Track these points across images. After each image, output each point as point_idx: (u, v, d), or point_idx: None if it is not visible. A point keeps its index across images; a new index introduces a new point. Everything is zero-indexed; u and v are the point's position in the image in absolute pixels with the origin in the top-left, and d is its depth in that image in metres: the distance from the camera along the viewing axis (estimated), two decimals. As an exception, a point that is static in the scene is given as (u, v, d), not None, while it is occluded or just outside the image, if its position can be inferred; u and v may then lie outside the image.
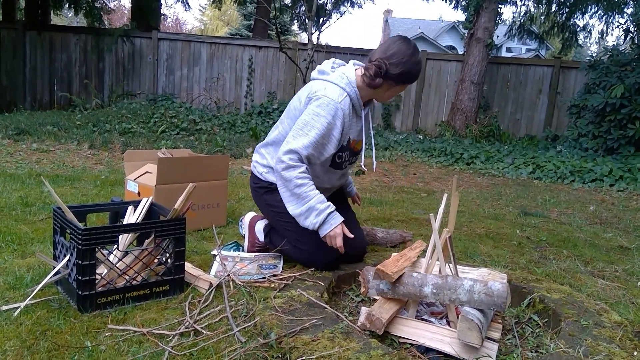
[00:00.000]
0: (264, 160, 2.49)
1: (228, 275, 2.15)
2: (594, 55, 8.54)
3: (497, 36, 10.92)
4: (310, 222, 2.19)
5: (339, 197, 2.68)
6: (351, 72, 2.32)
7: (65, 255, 1.90)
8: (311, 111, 2.22)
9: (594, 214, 4.36)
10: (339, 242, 2.18)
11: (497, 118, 9.55)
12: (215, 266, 2.30)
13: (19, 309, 1.75)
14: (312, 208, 2.18)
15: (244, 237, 2.66)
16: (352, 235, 2.24)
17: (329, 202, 2.23)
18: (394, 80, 2.28)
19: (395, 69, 2.23)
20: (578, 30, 11.03)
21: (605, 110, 7.27)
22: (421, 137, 9.09)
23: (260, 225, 2.58)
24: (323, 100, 2.22)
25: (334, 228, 2.18)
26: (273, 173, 2.38)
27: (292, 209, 2.22)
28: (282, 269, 2.33)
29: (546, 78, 9.49)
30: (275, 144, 2.43)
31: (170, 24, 32.59)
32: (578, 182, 6.16)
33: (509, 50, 34.33)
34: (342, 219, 2.22)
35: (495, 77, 9.71)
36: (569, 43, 11.09)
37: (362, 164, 2.50)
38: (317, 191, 2.22)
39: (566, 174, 6.35)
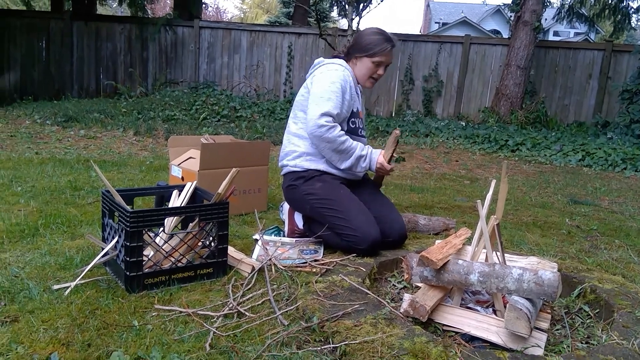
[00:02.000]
0: (295, 152, 2.51)
1: (270, 259, 2.15)
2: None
3: (545, 19, 10.48)
4: (361, 168, 2.50)
5: (370, 185, 2.69)
6: (341, 60, 2.56)
7: (113, 237, 1.95)
8: (323, 78, 2.42)
9: (648, 203, 4.16)
10: (387, 167, 2.52)
11: (544, 104, 9.22)
12: (257, 250, 2.32)
13: (70, 289, 1.80)
14: (359, 157, 2.45)
15: (284, 222, 2.67)
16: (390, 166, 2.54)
17: (365, 145, 2.54)
18: (355, 53, 2.52)
19: (356, 43, 2.53)
20: (631, 12, 10.49)
21: (661, 95, 6.91)
22: (463, 123, 8.89)
23: (299, 213, 2.58)
24: (330, 67, 2.48)
25: (377, 159, 2.52)
26: (306, 158, 2.48)
27: (343, 164, 2.46)
28: (323, 254, 2.32)
29: (596, 62, 9.09)
30: (299, 136, 2.52)
31: (211, 13, 32.92)
32: (630, 170, 5.89)
33: (556, 34, 33.06)
34: (377, 151, 2.54)
35: (542, 61, 9.37)
36: (621, 26, 10.55)
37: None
38: (355, 141, 2.47)
39: (617, 162, 6.09)
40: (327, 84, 2.38)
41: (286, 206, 2.66)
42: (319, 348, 1.53)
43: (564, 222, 3.29)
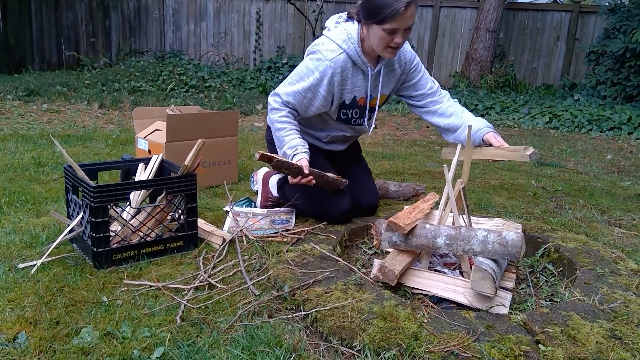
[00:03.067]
0: None
1: (241, 230, 2.15)
2: (614, -2, 8.19)
3: (513, -19, 10.47)
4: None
5: (354, 151, 2.67)
6: (353, 27, 2.17)
7: (78, 213, 1.91)
8: (305, 63, 2.20)
9: (612, 163, 4.28)
10: (296, 180, 2.12)
11: (513, 67, 9.29)
12: (228, 222, 2.31)
13: (36, 267, 1.77)
14: (284, 153, 2.19)
15: (255, 193, 2.66)
16: (312, 181, 2.14)
17: (298, 145, 2.17)
18: (367, 18, 2.05)
19: (363, 5, 2.06)
20: (598, -28, 10.55)
21: (625, 56, 7.03)
22: (434, 88, 8.90)
23: (273, 180, 2.57)
24: (316, 55, 2.17)
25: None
26: None
27: (277, 148, 2.26)
28: (295, 223, 2.33)
29: (564, 24, 9.16)
30: None
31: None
32: (596, 130, 6.03)
33: (525, -4, 33.04)
34: (304, 157, 2.14)
35: (511, 24, 9.39)
36: (589, -14, 10.63)
37: (372, 122, 2.41)
38: (293, 135, 2.20)
39: (583, 123, 6.22)
40: (301, 68, 2.20)
41: (260, 175, 2.64)
42: (290, 316, 1.54)
43: (530, 184, 3.36)
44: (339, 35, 2.17)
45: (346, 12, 2.27)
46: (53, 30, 9.76)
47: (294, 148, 2.17)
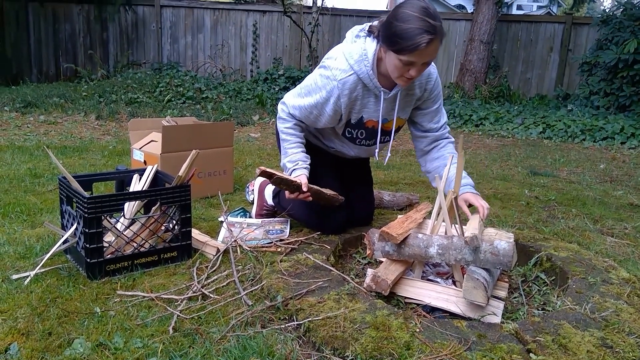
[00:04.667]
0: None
1: (235, 240, 2.16)
2: (607, 10, 8.28)
3: (508, -7, 10.60)
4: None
5: (360, 171, 2.60)
6: (372, 46, 2.01)
7: (72, 224, 1.92)
8: (314, 78, 2.11)
9: (604, 172, 4.31)
10: (293, 196, 2.10)
11: (507, 78, 9.36)
12: (223, 232, 2.32)
13: (29, 278, 1.77)
14: (285, 165, 2.21)
15: (250, 203, 2.67)
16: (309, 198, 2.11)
17: (299, 160, 2.17)
18: (384, 43, 1.92)
19: (384, 26, 1.91)
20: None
21: (618, 66, 7.10)
22: (429, 99, 8.95)
23: (269, 190, 2.58)
24: (327, 72, 2.06)
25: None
26: None
27: (281, 156, 2.27)
28: (289, 234, 2.33)
29: (557, 35, 9.25)
30: None
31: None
32: (589, 140, 6.07)
33: (519, 8, 33.39)
34: (304, 174, 2.13)
35: (505, 35, 9.48)
36: (582, -2, 10.75)
37: (387, 147, 2.28)
38: (296, 150, 2.20)
39: (577, 133, 6.26)
40: (311, 81, 2.11)
41: (256, 184, 2.65)
42: (283, 326, 1.55)
43: (523, 193, 3.38)
44: (354, 54, 2.02)
45: (368, 25, 2.08)
46: (51, 42, 9.80)
47: (295, 163, 2.17)
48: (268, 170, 2.00)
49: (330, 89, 2.05)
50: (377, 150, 2.32)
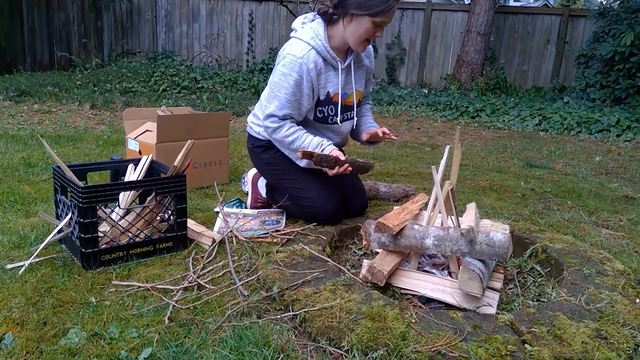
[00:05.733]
0: (259, 121, 2.43)
1: (231, 231, 2.15)
2: (604, 2, 8.26)
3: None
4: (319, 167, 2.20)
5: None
6: (320, 26, 2.23)
7: (67, 214, 1.91)
8: (278, 72, 2.21)
9: (600, 165, 4.32)
10: (334, 171, 2.16)
11: (504, 70, 9.36)
12: (218, 223, 2.31)
13: (24, 267, 1.76)
14: None
15: (246, 194, 2.66)
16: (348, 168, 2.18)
17: (322, 141, 2.23)
18: (351, 8, 2.09)
19: None
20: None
21: (614, 59, 7.09)
22: (426, 91, 8.95)
23: (262, 182, 2.57)
24: (287, 58, 2.19)
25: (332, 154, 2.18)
26: None
27: (299, 162, 2.28)
28: (285, 224, 2.33)
29: (554, 27, 9.24)
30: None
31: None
32: (585, 133, 6.08)
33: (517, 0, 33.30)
34: (334, 148, 2.23)
35: (502, 27, 9.46)
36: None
37: (351, 120, 2.45)
38: (310, 137, 2.23)
39: (573, 125, 6.27)
40: (278, 77, 2.20)
41: (249, 176, 2.65)
42: (278, 316, 1.55)
43: (519, 185, 3.39)
44: (306, 34, 2.22)
45: (312, 13, 2.34)
46: (45, 31, 9.70)
47: (319, 144, 2.22)
48: (308, 150, 2.07)
49: (298, 68, 2.16)
50: (344, 128, 2.42)
